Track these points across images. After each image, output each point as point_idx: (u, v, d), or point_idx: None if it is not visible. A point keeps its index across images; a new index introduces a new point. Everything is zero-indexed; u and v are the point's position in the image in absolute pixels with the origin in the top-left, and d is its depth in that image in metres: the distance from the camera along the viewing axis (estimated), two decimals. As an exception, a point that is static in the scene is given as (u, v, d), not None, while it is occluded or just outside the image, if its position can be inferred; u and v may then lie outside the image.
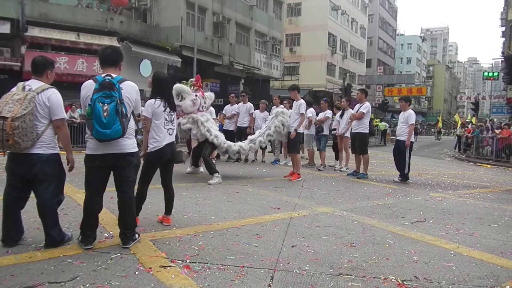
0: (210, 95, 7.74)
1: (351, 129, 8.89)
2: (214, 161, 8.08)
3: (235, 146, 7.65)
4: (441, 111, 70.87)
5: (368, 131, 8.60)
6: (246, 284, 2.80)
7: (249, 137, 8.37)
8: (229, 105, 11.14)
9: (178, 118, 7.12)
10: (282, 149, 10.82)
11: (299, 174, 7.91)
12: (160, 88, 4.17)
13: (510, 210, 5.82)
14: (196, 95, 7.12)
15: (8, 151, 3.28)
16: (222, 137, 7.43)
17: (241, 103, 10.97)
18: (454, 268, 3.27)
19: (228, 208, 5.11)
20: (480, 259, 3.52)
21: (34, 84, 3.30)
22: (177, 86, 7.09)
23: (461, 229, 4.58)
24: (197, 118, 7.07)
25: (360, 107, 8.54)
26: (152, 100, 4.09)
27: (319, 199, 6.03)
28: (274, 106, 10.64)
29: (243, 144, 7.84)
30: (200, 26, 22.55)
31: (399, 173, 8.20)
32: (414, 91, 37.57)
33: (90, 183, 3.41)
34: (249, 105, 10.84)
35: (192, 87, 7.22)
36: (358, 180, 8.22)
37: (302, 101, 8.01)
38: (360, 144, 8.52)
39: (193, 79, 7.45)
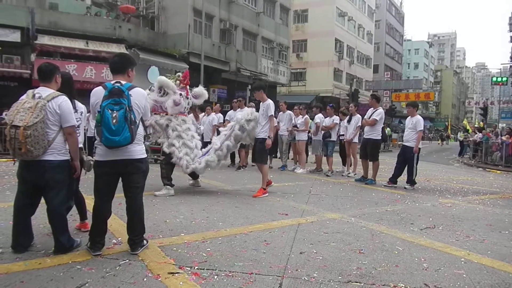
0: (201, 93, 6.74)
1: (362, 134, 8.81)
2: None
3: (200, 164, 6.48)
4: (449, 116, 70.37)
5: (380, 138, 8.53)
6: (255, 291, 2.79)
7: (214, 142, 6.92)
8: (231, 110, 11.12)
9: (155, 114, 6.31)
10: (292, 154, 10.82)
11: (264, 189, 6.59)
12: (71, 89, 3.81)
13: (521, 216, 5.75)
14: (180, 94, 6.30)
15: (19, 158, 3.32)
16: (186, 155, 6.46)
17: None
18: (464, 275, 3.23)
19: (236, 214, 5.11)
20: (491, 267, 3.47)
21: (44, 91, 3.32)
22: (162, 79, 6.26)
23: (471, 235, 4.52)
24: (173, 131, 6.30)
25: (373, 113, 8.45)
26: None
27: (327, 205, 6.00)
28: (281, 112, 10.69)
29: (209, 158, 6.56)
30: (207, 33, 22.71)
31: (406, 179, 8.13)
32: (422, 97, 37.36)
33: (99, 189, 3.44)
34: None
35: (178, 84, 6.37)
36: (366, 186, 8.17)
37: (269, 101, 6.65)
38: (371, 150, 8.45)
39: (180, 74, 6.54)
